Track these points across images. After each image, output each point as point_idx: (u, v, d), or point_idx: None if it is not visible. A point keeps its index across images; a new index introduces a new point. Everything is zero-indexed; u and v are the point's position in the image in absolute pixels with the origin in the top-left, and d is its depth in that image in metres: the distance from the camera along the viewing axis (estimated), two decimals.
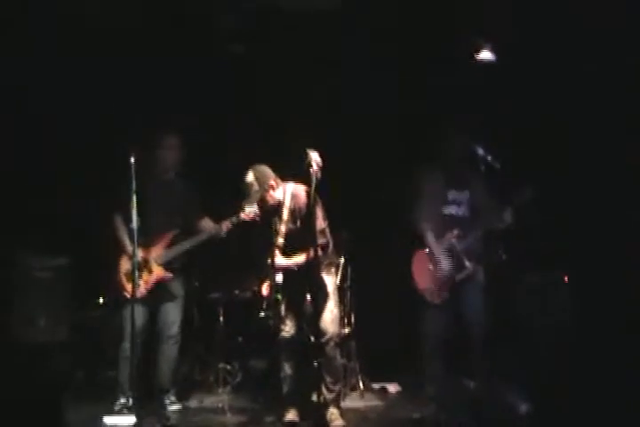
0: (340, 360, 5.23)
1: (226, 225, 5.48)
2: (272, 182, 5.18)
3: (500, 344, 5.57)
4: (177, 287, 5.57)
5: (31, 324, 6.03)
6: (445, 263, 5.52)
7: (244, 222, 5.40)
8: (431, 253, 5.58)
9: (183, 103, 6.58)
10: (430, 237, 5.58)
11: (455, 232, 5.52)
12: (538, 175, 5.65)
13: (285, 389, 5.18)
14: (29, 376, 5.43)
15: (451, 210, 5.62)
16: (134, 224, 4.85)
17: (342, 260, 6.04)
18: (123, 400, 5.30)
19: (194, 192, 5.69)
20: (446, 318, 5.51)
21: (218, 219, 5.56)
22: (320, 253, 4.87)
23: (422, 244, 5.64)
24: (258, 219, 5.29)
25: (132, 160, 4.88)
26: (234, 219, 5.45)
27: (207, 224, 5.60)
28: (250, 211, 5.29)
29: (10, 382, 5.17)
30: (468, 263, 5.47)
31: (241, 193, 5.21)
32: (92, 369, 5.84)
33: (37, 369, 5.62)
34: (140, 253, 5.20)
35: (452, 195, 5.64)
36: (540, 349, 5.83)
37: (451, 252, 5.53)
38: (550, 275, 6.17)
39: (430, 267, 5.56)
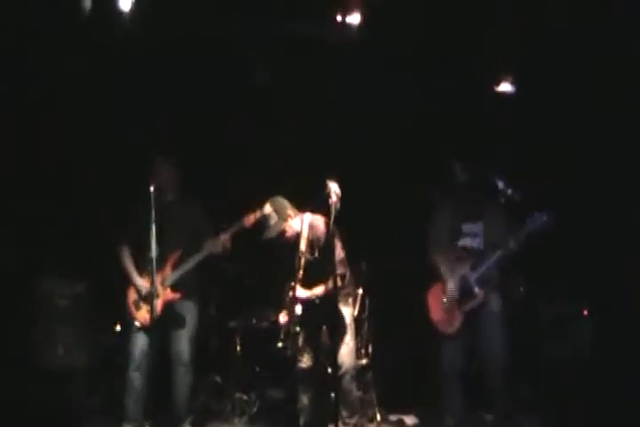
0: (356, 393, 5.24)
1: (224, 237, 5.38)
2: (290, 213, 5.21)
3: (519, 377, 5.52)
4: (189, 312, 5.49)
5: (49, 351, 6.01)
6: (456, 293, 5.42)
7: (263, 250, 5.39)
8: (443, 285, 5.49)
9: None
10: (443, 269, 5.49)
11: (468, 263, 5.44)
12: (553, 203, 5.52)
13: (302, 420, 5.18)
14: (46, 403, 5.52)
15: (465, 242, 5.51)
16: (153, 253, 4.88)
17: (360, 291, 6.02)
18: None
19: (198, 212, 5.63)
20: (462, 349, 5.42)
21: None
22: (339, 283, 4.88)
23: (437, 276, 5.56)
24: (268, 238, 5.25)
25: (152, 189, 4.91)
26: (233, 228, 5.38)
27: (208, 243, 5.47)
28: (250, 217, 5.30)
29: (26, 408, 5.35)
30: (477, 291, 5.38)
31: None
32: (108, 396, 5.82)
33: (54, 396, 5.72)
34: (147, 284, 5.22)
35: (466, 227, 5.53)
36: (559, 381, 5.79)
37: (463, 282, 5.42)
38: (567, 306, 6.12)
39: (443, 298, 5.46)
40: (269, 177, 6.36)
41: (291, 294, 5.13)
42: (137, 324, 5.38)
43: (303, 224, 5.20)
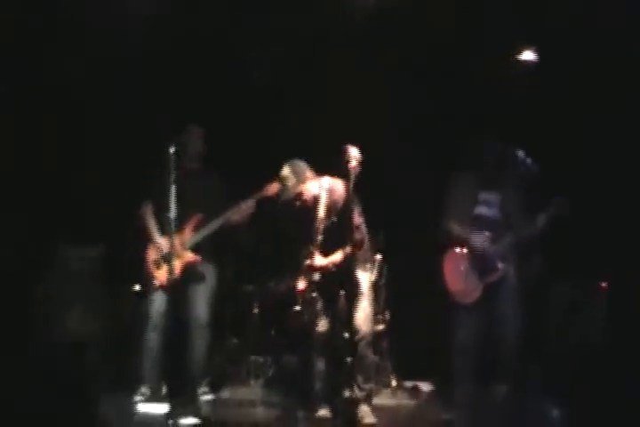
0: (371, 358, 5.21)
1: (245, 205, 5.40)
2: (308, 176, 5.19)
3: (530, 356, 5.49)
4: (207, 275, 5.52)
5: (66, 314, 5.98)
6: (477, 264, 5.42)
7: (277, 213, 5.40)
8: (462, 254, 5.47)
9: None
10: (459, 231, 5.46)
11: (486, 234, 5.43)
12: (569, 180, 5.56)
13: (317, 385, 5.17)
14: (63, 367, 5.50)
15: (480, 210, 5.52)
16: (172, 213, 4.84)
17: (378, 257, 6.01)
18: (144, 390, 5.32)
19: (219, 181, 5.64)
20: (478, 322, 5.40)
21: None
22: (356, 249, 4.84)
23: (453, 243, 5.54)
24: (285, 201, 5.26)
25: (172, 150, 4.88)
26: (254, 197, 5.40)
27: (229, 210, 5.49)
28: (271, 186, 5.30)
29: (43, 373, 5.18)
30: (500, 265, 5.38)
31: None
32: (125, 359, 5.84)
33: (71, 361, 5.69)
34: (168, 243, 5.17)
35: (482, 195, 5.53)
36: (573, 356, 5.76)
37: (483, 254, 5.40)
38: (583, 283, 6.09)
39: (462, 267, 5.45)
40: (288, 144, 6.32)
41: (308, 261, 5.10)
42: (155, 283, 5.40)
43: (321, 188, 5.16)
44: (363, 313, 5.06)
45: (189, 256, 5.42)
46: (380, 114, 6.51)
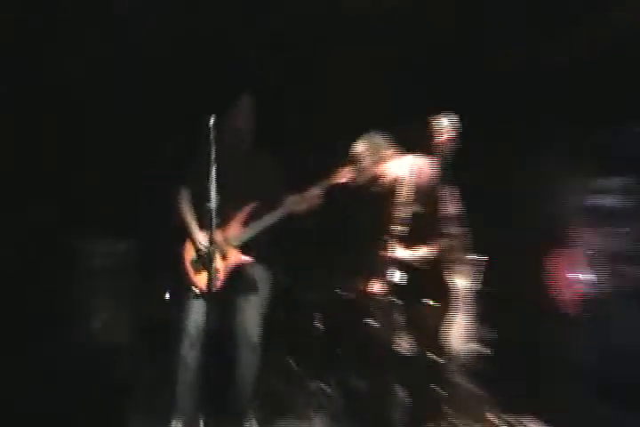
0: (464, 386, 4.23)
1: (311, 195, 4.47)
2: (388, 153, 4.29)
3: None
4: (260, 280, 4.56)
5: (91, 320, 5.10)
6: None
7: (345, 198, 4.50)
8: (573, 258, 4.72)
9: None
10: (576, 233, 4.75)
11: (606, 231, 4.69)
12: None
13: (394, 416, 4.22)
14: (89, 378, 4.64)
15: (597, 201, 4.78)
16: (212, 203, 3.84)
17: (481, 258, 4.82)
18: (176, 423, 4.33)
19: (276, 165, 4.68)
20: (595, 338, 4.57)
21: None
22: (450, 245, 4.02)
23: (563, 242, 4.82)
24: (358, 184, 4.42)
25: (212, 123, 3.88)
26: (322, 184, 4.47)
27: (289, 198, 4.56)
28: (344, 171, 4.40)
29: (69, 382, 4.52)
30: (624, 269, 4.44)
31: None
32: (153, 380, 4.86)
33: (96, 371, 4.75)
34: (209, 239, 4.13)
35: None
36: None
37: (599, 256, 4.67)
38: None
39: (573, 274, 4.72)
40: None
41: (383, 254, 4.11)
42: (195, 290, 4.41)
43: (404, 167, 4.20)
44: (455, 328, 4.15)
45: (237, 256, 4.44)
46: None
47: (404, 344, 4.15)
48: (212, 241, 3.96)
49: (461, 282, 4.20)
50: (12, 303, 4.95)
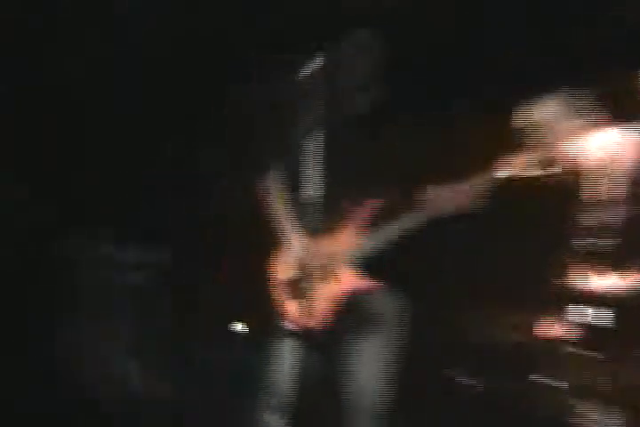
0: None
1: (466, 193, 3.04)
2: (576, 125, 2.94)
3: None
4: (385, 312, 3.08)
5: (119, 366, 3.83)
6: None
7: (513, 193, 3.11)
8: None
9: None
10: None
11: None
12: None
13: None
14: None
15: None
16: (313, 194, 2.63)
17: None
18: None
19: (414, 139, 3.19)
20: None
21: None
22: None
23: None
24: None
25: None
26: (484, 178, 3.06)
27: (432, 193, 3.11)
28: (514, 158, 3.00)
29: None
30: None
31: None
32: None
33: None
34: (310, 250, 2.91)
35: None
36: None
37: None
38: None
39: None
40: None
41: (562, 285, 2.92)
42: (288, 326, 3.03)
43: (606, 147, 2.97)
44: None
45: (352, 278, 3.04)
46: None
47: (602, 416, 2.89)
48: (313, 253, 2.67)
49: None
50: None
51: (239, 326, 3.66)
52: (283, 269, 3.06)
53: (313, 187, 2.69)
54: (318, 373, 3.00)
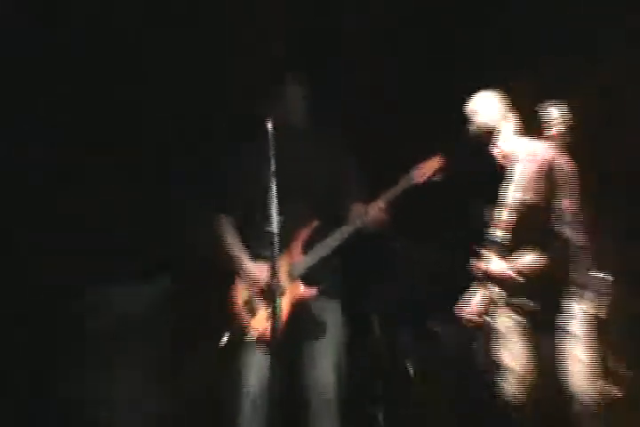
0: None
1: (382, 202, 3.66)
2: (511, 115, 3.53)
3: None
4: (331, 318, 3.74)
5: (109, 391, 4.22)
6: None
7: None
8: None
9: None
10: None
11: None
12: None
13: None
14: None
15: None
16: (274, 226, 3.09)
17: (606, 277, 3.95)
18: None
19: (341, 156, 3.86)
20: None
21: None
22: (564, 255, 3.29)
23: None
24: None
25: (270, 127, 3.15)
26: (398, 188, 3.67)
27: (356, 211, 3.76)
28: (425, 168, 3.66)
29: None
30: None
31: None
32: None
33: None
34: (265, 273, 3.38)
35: None
36: None
37: None
38: None
39: None
40: None
41: (478, 266, 3.35)
42: (252, 337, 3.64)
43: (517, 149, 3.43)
44: (579, 366, 3.28)
45: (300, 290, 3.64)
46: None
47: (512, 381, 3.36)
48: (274, 274, 3.15)
49: (581, 308, 3.37)
50: None
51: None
52: (243, 290, 3.72)
53: (274, 222, 3.19)
54: (282, 374, 3.40)
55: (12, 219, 4.39)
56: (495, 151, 3.50)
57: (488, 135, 3.49)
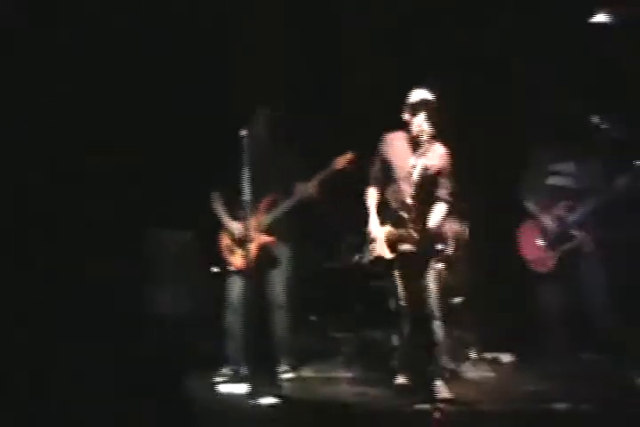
0: (441, 336, 4.86)
1: (313, 182, 5.40)
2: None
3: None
4: (283, 255, 5.54)
5: (159, 297, 5.96)
6: (552, 234, 5.42)
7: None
8: (537, 223, 5.50)
9: None
10: (532, 208, 5.53)
11: (563, 204, 5.40)
12: None
13: (398, 356, 5.20)
14: (154, 347, 5.16)
15: (556, 181, 5.45)
16: (247, 198, 4.96)
17: (459, 226, 5.90)
18: (225, 371, 5.40)
19: (291, 155, 5.56)
20: (559, 290, 5.42)
21: None
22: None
23: (530, 215, 5.58)
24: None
25: (244, 133, 4.97)
26: (323, 173, 5.40)
27: (300, 186, 5.46)
28: (341, 160, 5.33)
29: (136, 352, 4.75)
30: (577, 233, 5.31)
31: None
32: (206, 339, 5.82)
33: (161, 341, 5.55)
34: (240, 227, 5.30)
35: (557, 166, 5.49)
36: None
37: (559, 223, 5.41)
38: None
39: (537, 237, 5.50)
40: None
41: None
42: (232, 268, 5.48)
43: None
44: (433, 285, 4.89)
45: (263, 238, 5.43)
46: None
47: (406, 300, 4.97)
48: (247, 227, 5.09)
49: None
50: None
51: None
52: (226, 238, 5.54)
53: (246, 196, 4.96)
54: (252, 292, 5.35)
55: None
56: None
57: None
